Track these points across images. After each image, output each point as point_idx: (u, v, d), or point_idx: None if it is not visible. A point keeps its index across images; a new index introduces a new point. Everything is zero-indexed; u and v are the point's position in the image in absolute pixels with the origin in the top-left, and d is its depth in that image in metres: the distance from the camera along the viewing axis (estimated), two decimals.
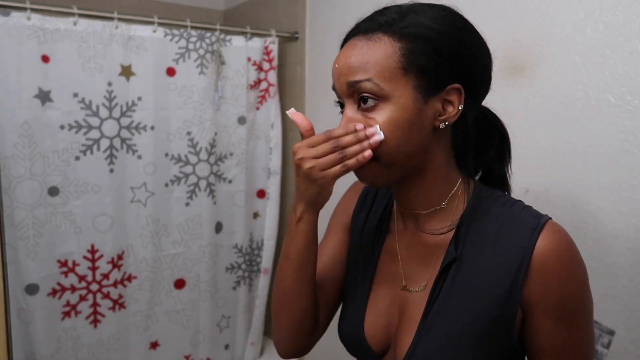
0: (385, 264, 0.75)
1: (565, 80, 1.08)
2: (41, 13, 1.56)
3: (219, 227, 1.97)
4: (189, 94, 1.82)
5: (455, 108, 0.63)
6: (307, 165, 0.63)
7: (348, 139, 0.62)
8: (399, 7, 0.64)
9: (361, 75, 0.61)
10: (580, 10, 1.05)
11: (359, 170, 0.65)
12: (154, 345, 1.90)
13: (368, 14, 0.66)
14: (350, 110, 0.64)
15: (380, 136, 0.61)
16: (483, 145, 0.73)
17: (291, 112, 0.67)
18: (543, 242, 0.60)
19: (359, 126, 0.62)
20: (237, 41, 1.89)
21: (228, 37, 1.88)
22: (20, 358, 1.63)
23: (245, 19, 2.38)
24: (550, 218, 0.64)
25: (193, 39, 1.81)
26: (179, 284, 1.90)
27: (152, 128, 1.76)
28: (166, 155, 1.81)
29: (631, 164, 0.98)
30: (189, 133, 1.84)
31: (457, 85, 0.62)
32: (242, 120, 1.94)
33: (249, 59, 1.92)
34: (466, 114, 0.65)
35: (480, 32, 0.65)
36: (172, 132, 1.81)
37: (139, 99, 1.73)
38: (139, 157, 1.76)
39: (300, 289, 0.73)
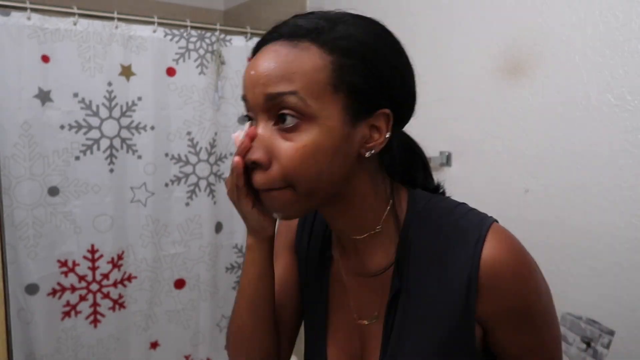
0: (336, 294, 0.70)
1: (565, 80, 1.08)
2: (41, 13, 1.55)
3: (219, 227, 1.97)
4: (189, 94, 1.82)
5: (382, 135, 0.56)
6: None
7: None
8: (326, 13, 0.55)
9: (285, 87, 0.51)
10: (580, 10, 1.05)
11: (266, 197, 0.57)
12: (154, 345, 1.90)
13: (287, 18, 0.57)
14: (264, 127, 0.54)
15: (236, 133, 0.56)
16: (409, 173, 0.69)
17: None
18: (487, 254, 0.56)
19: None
20: (237, 41, 1.89)
21: (228, 37, 1.87)
22: (20, 358, 1.63)
23: (245, 19, 2.38)
24: (494, 221, 0.59)
25: (193, 39, 1.81)
26: (179, 284, 1.90)
27: (152, 128, 1.76)
28: (166, 155, 1.81)
29: (631, 164, 0.98)
30: (189, 133, 1.84)
31: (386, 111, 0.56)
32: (242, 120, 1.94)
33: (249, 59, 1.91)
34: (392, 141, 0.59)
35: (406, 50, 0.59)
36: (172, 132, 1.81)
37: (139, 99, 1.73)
38: (139, 157, 1.76)
39: (259, 326, 0.68)
